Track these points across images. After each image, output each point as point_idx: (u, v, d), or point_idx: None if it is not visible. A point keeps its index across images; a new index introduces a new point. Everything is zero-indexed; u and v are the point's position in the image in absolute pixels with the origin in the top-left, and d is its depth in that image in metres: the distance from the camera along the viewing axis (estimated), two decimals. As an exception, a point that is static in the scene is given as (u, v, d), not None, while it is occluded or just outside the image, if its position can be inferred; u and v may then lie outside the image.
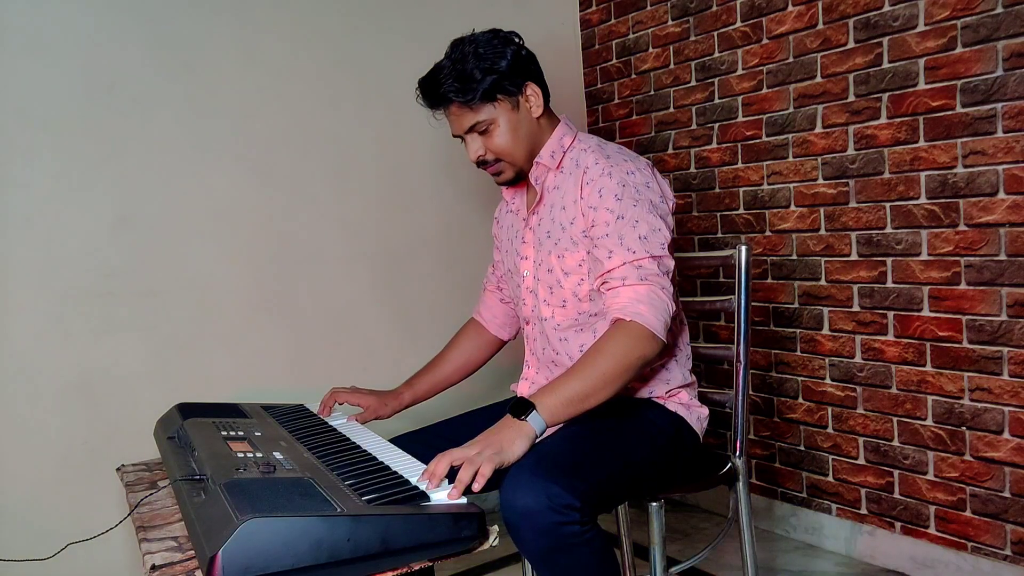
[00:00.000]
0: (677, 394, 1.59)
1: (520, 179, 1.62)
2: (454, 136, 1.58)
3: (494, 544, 1.20)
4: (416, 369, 1.84)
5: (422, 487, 1.20)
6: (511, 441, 1.28)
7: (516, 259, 1.66)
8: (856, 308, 2.31)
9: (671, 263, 1.47)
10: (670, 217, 1.51)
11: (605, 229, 1.46)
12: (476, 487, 1.21)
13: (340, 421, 1.72)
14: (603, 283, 1.46)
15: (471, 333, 1.86)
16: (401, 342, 2.63)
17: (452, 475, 1.26)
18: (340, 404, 1.77)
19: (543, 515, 1.23)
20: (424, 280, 2.70)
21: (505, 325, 1.84)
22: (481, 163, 1.57)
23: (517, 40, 1.55)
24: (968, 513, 2.11)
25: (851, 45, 2.24)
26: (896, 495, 2.26)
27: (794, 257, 2.45)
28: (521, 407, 1.32)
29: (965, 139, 2.03)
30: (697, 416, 1.60)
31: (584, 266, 1.52)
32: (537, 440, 1.32)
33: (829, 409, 2.41)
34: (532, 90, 1.53)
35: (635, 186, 1.47)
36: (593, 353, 1.38)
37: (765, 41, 2.46)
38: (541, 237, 1.59)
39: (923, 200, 2.13)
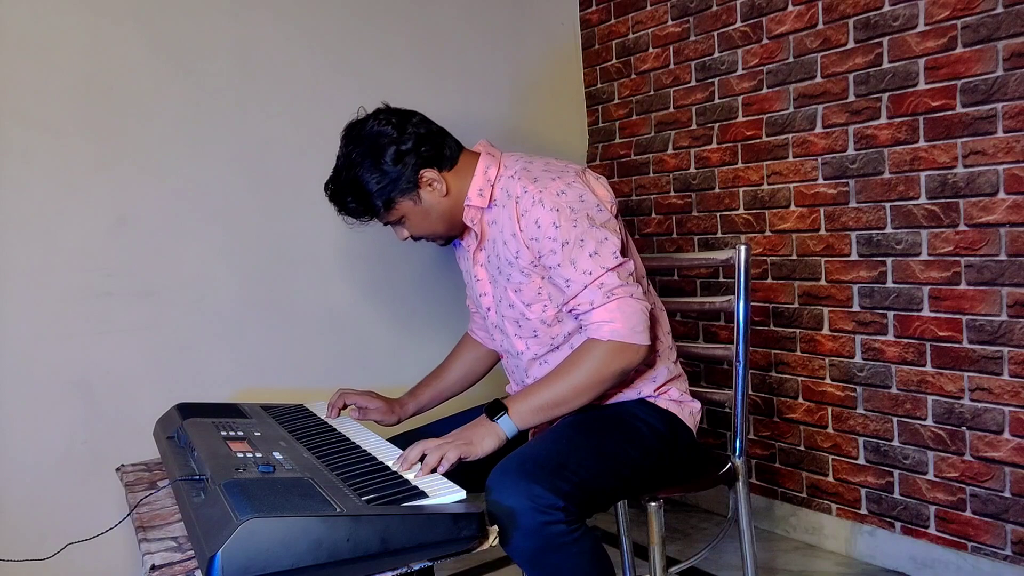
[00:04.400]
0: (667, 390, 1.58)
1: (456, 236, 1.64)
2: None
3: (494, 544, 1.20)
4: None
5: (395, 468, 1.31)
6: (481, 437, 1.40)
7: (477, 296, 1.66)
8: (856, 308, 2.30)
9: (630, 264, 1.47)
10: (613, 220, 1.50)
11: (555, 259, 1.45)
12: (441, 469, 1.32)
13: (339, 419, 1.72)
14: (572, 311, 1.47)
15: (470, 346, 1.87)
16: (400, 342, 2.63)
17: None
18: (349, 405, 1.77)
19: (527, 515, 1.25)
20: (423, 280, 2.70)
21: None
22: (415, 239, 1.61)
23: (395, 133, 1.51)
24: (968, 513, 2.11)
25: (851, 45, 2.24)
26: (896, 495, 2.26)
27: (794, 257, 2.45)
28: (494, 409, 1.43)
29: (965, 139, 2.03)
30: (689, 411, 1.60)
31: (543, 292, 1.52)
32: (507, 441, 1.41)
33: (829, 409, 2.41)
34: (429, 176, 1.52)
35: (569, 206, 1.45)
36: (569, 363, 1.44)
37: (765, 41, 2.46)
38: (493, 273, 1.59)
39: (923, 200, 2.13)
